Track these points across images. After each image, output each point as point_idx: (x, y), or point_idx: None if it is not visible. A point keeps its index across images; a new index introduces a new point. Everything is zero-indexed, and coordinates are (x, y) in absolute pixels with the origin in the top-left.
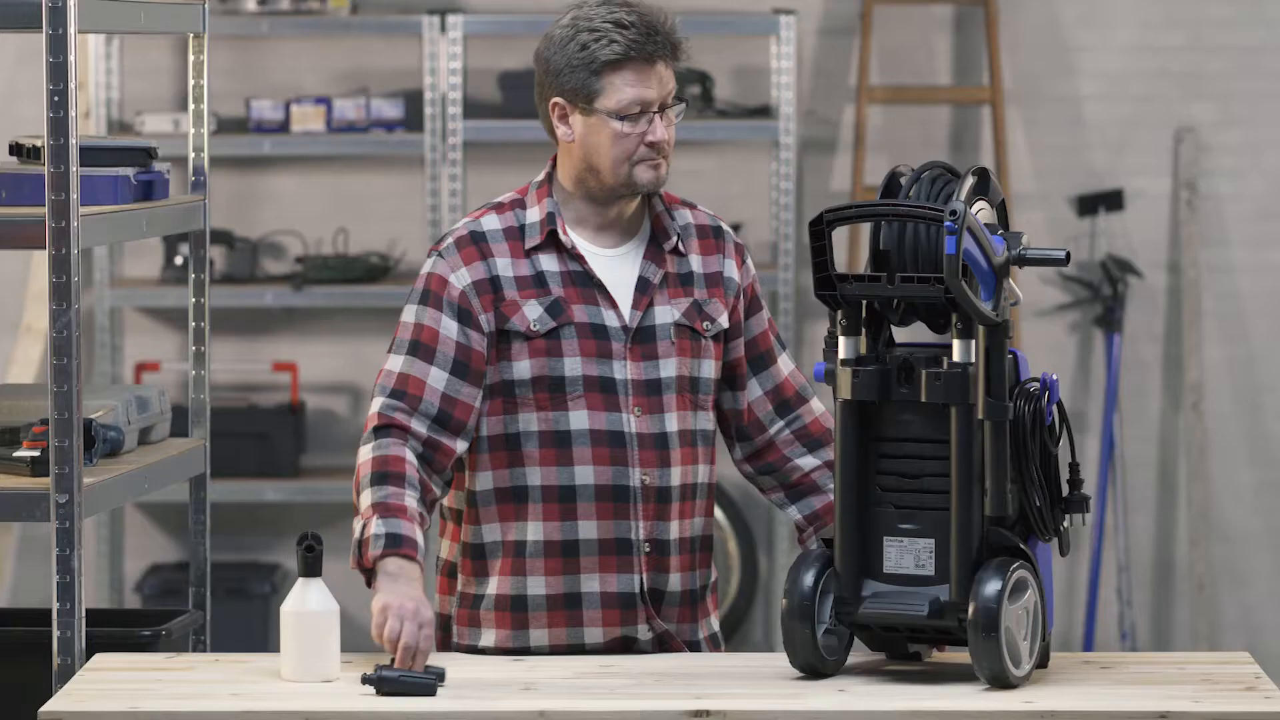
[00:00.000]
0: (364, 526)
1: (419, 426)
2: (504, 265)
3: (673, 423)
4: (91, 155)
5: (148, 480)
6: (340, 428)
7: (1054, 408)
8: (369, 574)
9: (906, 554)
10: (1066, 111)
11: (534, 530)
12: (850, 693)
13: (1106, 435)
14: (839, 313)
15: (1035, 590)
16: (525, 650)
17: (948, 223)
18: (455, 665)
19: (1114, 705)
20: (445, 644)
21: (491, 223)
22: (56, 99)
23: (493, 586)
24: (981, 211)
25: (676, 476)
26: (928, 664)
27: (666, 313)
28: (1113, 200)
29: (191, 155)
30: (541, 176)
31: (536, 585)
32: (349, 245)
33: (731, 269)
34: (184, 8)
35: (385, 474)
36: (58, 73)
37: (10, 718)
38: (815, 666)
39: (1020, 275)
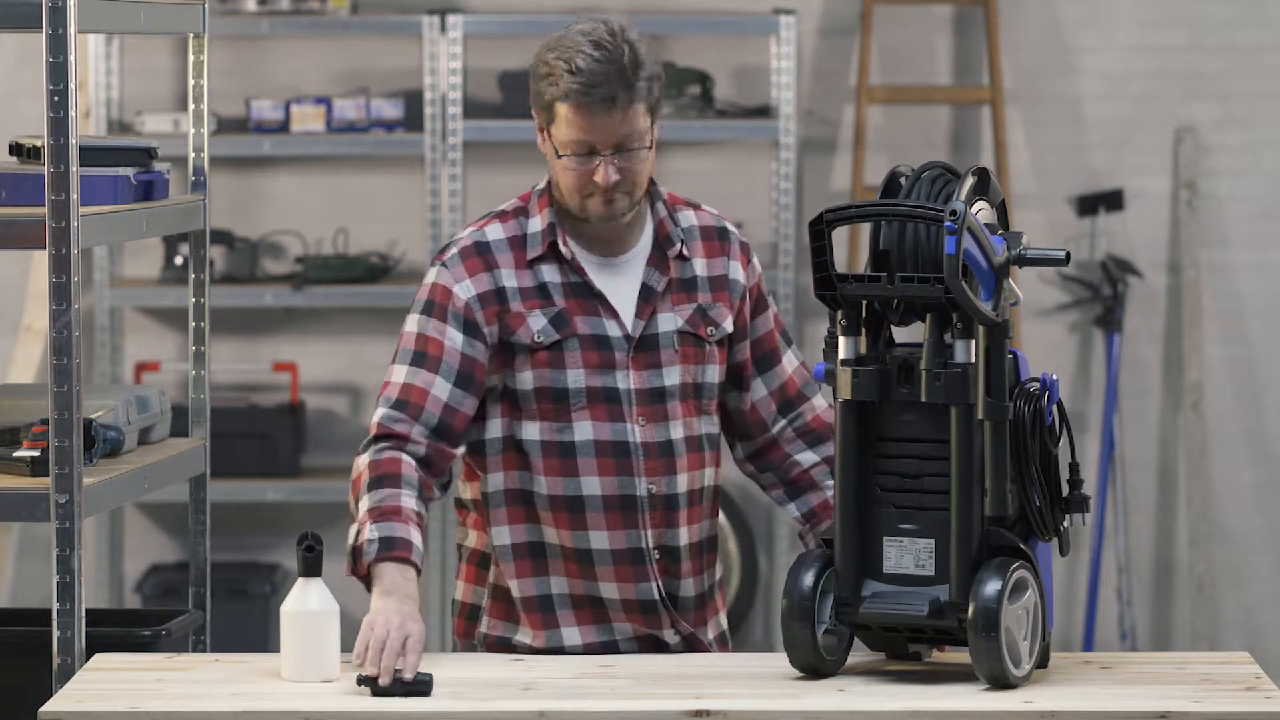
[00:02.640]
0: (358, 532)
1: (419, 435)
2: (508, 276)
3: (678, 430)
4: (91, 155)
5: (148, 480)
6: (340, 428)
7: (1054, 408)
8: (366, 581)
9: (906, 554)
10: (1066, 111)
11: (549, 534)
12: (850, 693)
13: (1106, 435)
14: (839, 313)
15: (1035, 590)
16: (559, 650)
17: (948, 223)
18: (455, 665)
19: (1114, 705)
20: (471, 633)
21: (496, 232)
22: (56, 99)
23: (518, 588)
24: (981, 211)
25: (683, 483)
26: (928, 664)
27: (670, 320)
28: (1113, 200)
29: (191, 155)
30: (544, 184)
31: (560, 585)
32: (349, 245)
33: (736, 270)
34: (184, 8)
35: (381, 477)
36: (58, 73)
37: (10, 718)
38: (815, 666)
39: (1020, 275)
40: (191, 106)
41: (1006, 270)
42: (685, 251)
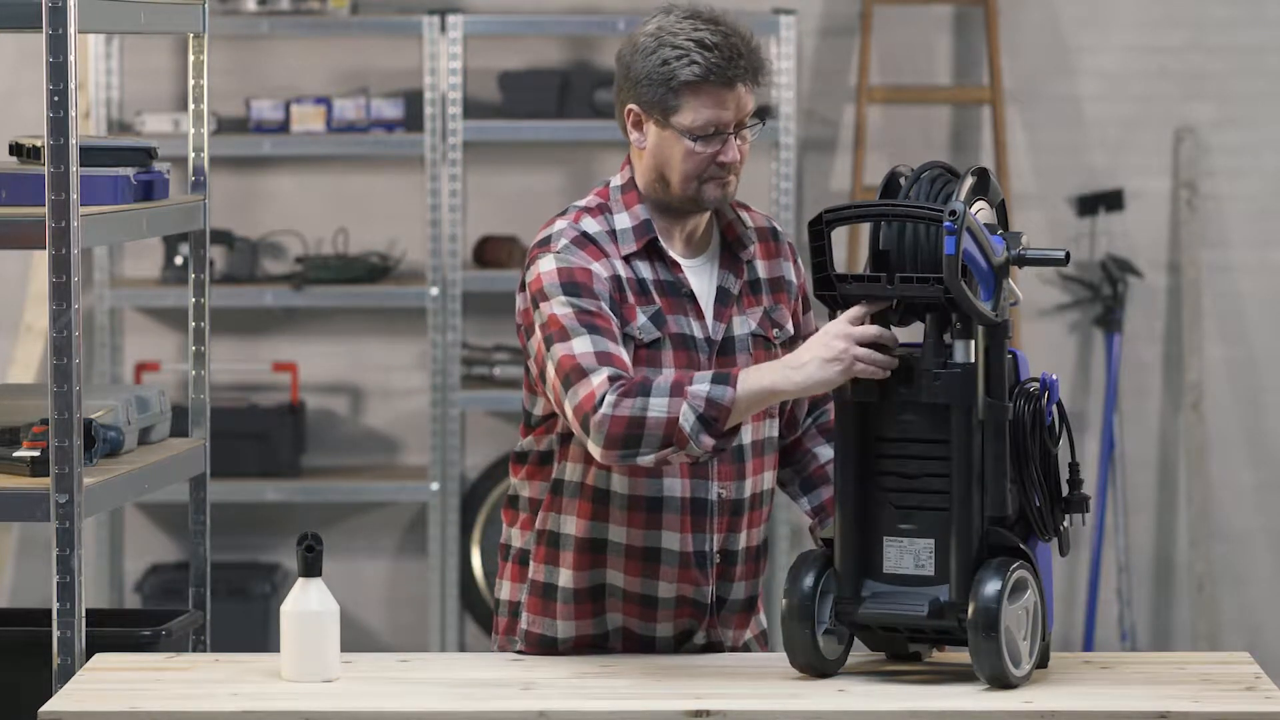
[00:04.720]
0: (692, 404)
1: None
2: (620, 266)
3: (748, 434)
4: (91, 155)
5: (148, 480)
6: (340, 428)
7: (1054, 408)
8: (729, 434)
9: (906, 554)
10: (1066, 111)
11: (616, 532)
12: (850, 693)
13: (1106, 435)
14: (838, 313)
15: (1035, 590)
16: (603, 637)
17: (947, 223)
18: (455, 665)
19: (1114, 705)
20: (513, 629)
21: (592, 225)
22: (56, 99)
23: (568, 578)
24: (981, 211)
25: (749, 488)
26: (928, 664)
27: (744, 323)
28: (1113, 200)
29: (191, 155)
30: (623, 180)
31: (615, 578)
32: (349, 245)
33: (790, 271)
34: (184, 8)
35: (643, 383)
36: (58, 73)
37: (10, 718)
38: (815, 666)
39: (1020, 275)
40: (191, 106)
41: (1006, 270)
42: (749, 254)
